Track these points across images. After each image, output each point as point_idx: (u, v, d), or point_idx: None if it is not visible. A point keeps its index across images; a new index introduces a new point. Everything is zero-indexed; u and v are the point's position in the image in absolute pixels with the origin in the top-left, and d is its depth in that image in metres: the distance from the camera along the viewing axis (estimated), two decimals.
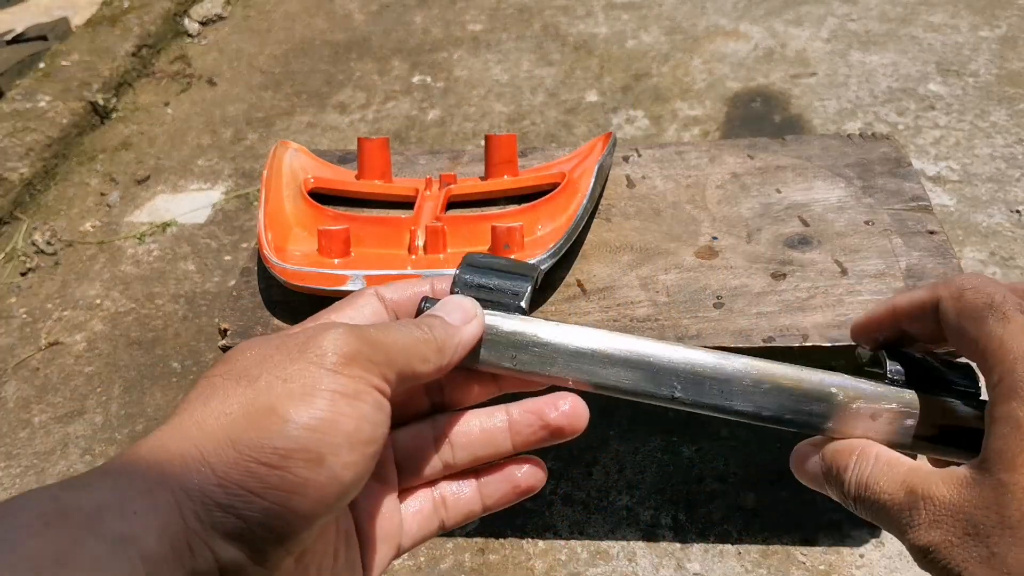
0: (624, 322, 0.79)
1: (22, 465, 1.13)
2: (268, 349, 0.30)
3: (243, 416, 0.27)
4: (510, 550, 0.95)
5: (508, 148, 0.95)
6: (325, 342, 0.29)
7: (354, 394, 0.29)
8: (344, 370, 0.29)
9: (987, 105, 1.60)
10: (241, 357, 0.30)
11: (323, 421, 0.28)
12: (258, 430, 0.27)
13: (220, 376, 0.29)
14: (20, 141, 1.69)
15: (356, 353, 0.29)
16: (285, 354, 0.29)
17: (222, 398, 0.28)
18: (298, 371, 0.28)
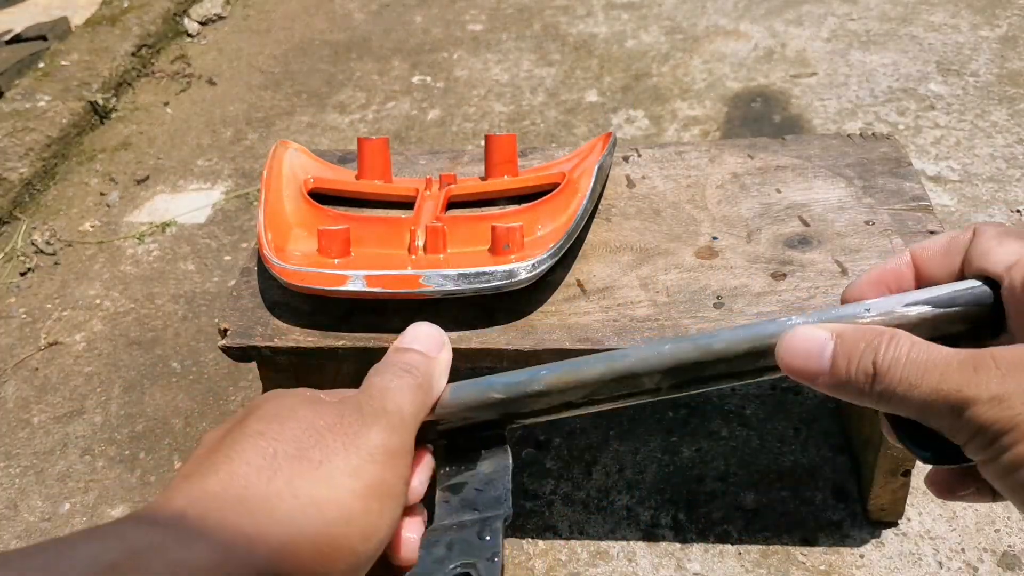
0: (624, 322, 0.79)
1: (22, 465, 1.13)
2: (322, 427, 0.31)
3: (310, 504, 0.29)
4: (510, 550, 0.94)
5: (508, 148, 0.95)
6: (374, 438, 0.31)
7: (396, 496, 0.31)
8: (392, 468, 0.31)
9: (987, 105, 1.60)
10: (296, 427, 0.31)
11: (372, 527, 0.30)
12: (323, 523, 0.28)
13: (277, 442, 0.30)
14: (20, 141, 1.69)
15: (398, 448, 0.32)
16: (340, 441, 0.31)
17: (287, 479, 0.29)
18: (358, 468, 0.30)
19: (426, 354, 0.36)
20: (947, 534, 0.91)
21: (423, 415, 0.35)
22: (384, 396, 0.33)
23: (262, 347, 0.81)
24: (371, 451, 0.31)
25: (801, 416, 1.05)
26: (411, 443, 0.33)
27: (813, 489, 0.97)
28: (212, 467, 0.29)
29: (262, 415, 0.31)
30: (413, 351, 0.36)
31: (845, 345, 0.30)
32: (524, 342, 0.78)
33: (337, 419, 0.31)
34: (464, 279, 0.77)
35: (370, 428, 0.31)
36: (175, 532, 0.27)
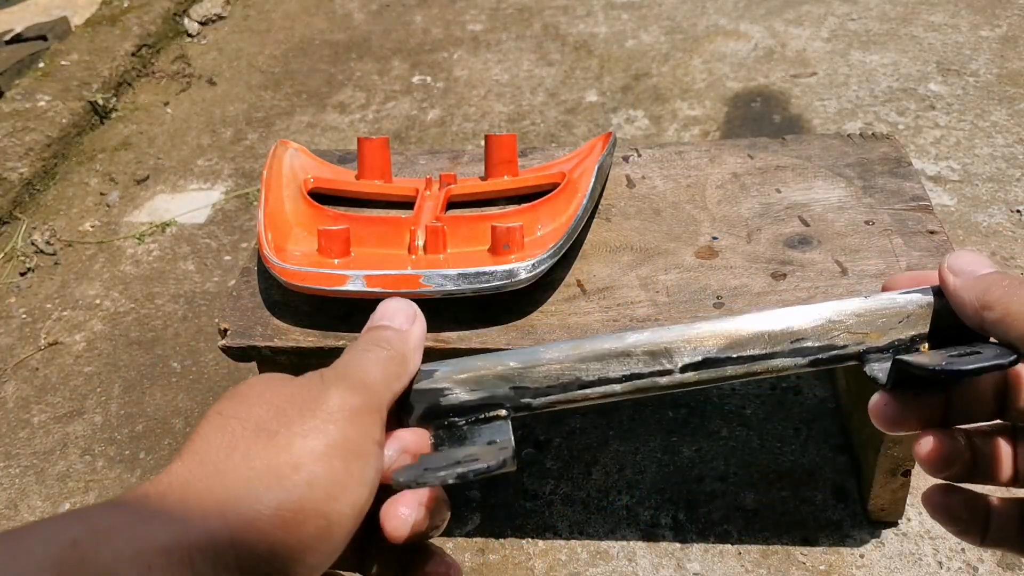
0: (624, 322, 0.79)
1: (22, 465, 1.13)
2: (281, 401, 0.31)
3: (266, 473, 0.28)
4: (510, 550, 0.94)
5: (508, 148, 0.95)
6: (334, 399, 0.30)
7: (364, 456, 0.30)
8: (356, 426, 0.30)
9: (987, 105, 1.60)
10: (257, 404, 0.31)
11: (339, 486, 0.29)
12: (281, 489, 0.28)
13: (236, 419, 0.30)
14: (19, 141, 1.69)
15: (362, 408, 0.31)
16: (298, 409, 0.30)
17: (244, 451, 0.29)
18: (316, 428, 0.29)
19: (398, 328, 0.36)
20: (947, 534, 0.91)
21: (397, 386, 0.34)
22: (348, 365, 0.33)
23: (262, 347, 0.81)
24: (329, 412, 0.30)
25: (801, 416, 1.05)
26: (379, 407, 0.32)
27: (813, 489, 0.97)
28: (178, 454, 0.30)
29: (227, 397, 0.31)
30: (384, 326, 0.37)
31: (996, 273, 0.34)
32: (524, 342, 0.78)
33: (297, 390, 0.31)
34: (464, 279, 0.77)
35: (328, 392, 0.31)
36: (137, 512, 0.27)
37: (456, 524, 0.97)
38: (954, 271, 0.35)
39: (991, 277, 0.34)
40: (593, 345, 0.36)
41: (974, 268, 0.35)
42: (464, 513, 0.99)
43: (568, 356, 0.36)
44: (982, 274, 0.34)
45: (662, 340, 0.36)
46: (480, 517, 0.98)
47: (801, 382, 1.09)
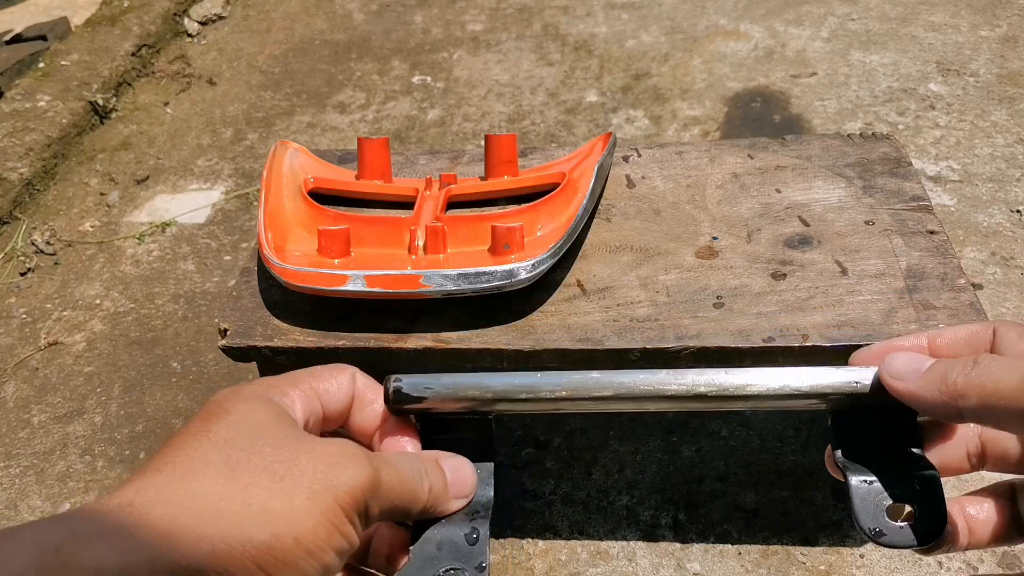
0: (624, 322, 0.79)
1: (22, 465, 1.13)
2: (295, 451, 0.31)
3: (263, 515, 0.29)
4: (510, 550, 0.94)
5: (508, 148, 0.95)
6: (348, 478, 0.31)
7: (346, 534, 0.32)
8: (350, 512, 0.31)
9: (987, 105, 1.60)
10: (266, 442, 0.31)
11: (318, 547, 0.30)
12: (273, 536, 0.29)
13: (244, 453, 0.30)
14: (19, 141, 1.69)
15: (363, 502, 0.32)
16: (312, 467, 0.31)
17: (244, 485, 0.30)
18: (319, 493, 0.30)
19: (448, 488, 0.37)
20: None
21: (395, 517, 0.35)
22: (388, 466, 0.33)
23: (262, 347, 0.81)
24: (337, 485, 0.31)
25: (801, 416, 1.05)
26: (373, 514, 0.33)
27: (813, 489, 0.97)
28: (170, 463, 0.30)
29: (230, 423, 0.32)
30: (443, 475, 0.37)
31: (942, 363, 0.33)
32: (524, 342, 0.78)
33: (316, 448, 0.32)
34: (464, 279, 0.77)
35: (351, 467, 0.32)
36: (122, 522, 0.27)
37: None
38: (897, 376, 0.34)
39: (939, 365, 0.33)
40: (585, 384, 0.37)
41: (916, 366, 0.34)
42: None
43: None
44: (928, 367, 0.33)
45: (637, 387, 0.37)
46: None
47: None
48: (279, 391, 0.34)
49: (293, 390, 0.35)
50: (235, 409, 0.32)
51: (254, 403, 0.33)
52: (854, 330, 0.75)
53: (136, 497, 0.28)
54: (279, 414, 0.33)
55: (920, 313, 0.75)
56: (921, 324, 0.74)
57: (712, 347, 0.75)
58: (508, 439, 1.06)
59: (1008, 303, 1.18)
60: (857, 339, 0.74)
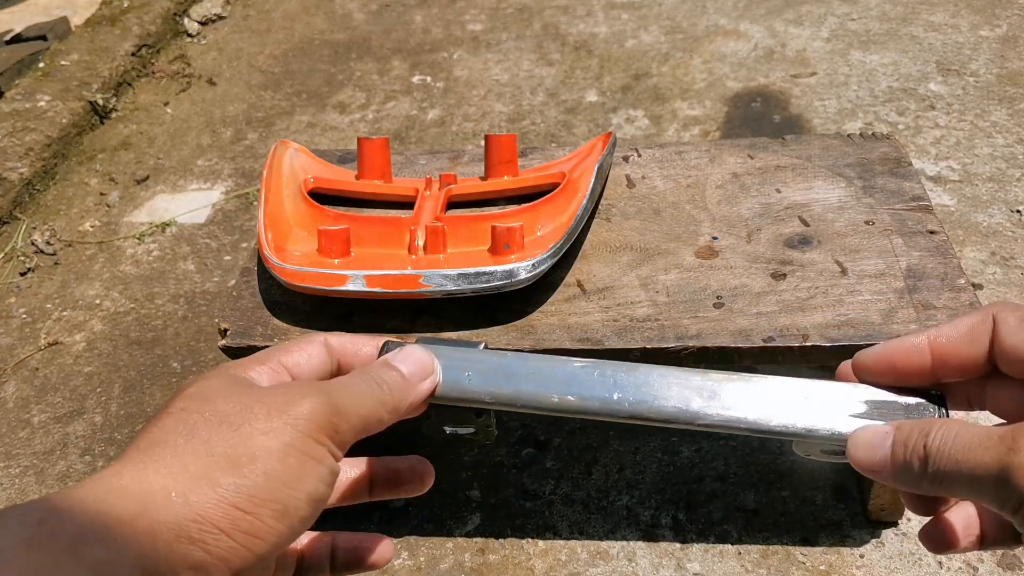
0: (624, 322, 0.79)
1: (22, 465, 1.13)
2: (248, 398, 0.32)
3: (226, 460, 0.30)
4: (510, 550, 0.94)
5: (508, 148, 0.95)
6: (303, 407, 0.32)
7: (319, 459, 0.32)
8: (315, 436, 0.32)
9: (987, 105, 1.60)
10: (219, 399, 0.32)
11: (293, 478, 0.31)
12: (239, 476, 0.30)
13: (199, 414, 0.31)
14: (20, 141, 1.69)
15: (327, 423, 0.32)
16: (266, 409, 0.32)
17: (205, 439, 0.30)
18: (278, 429, 0.31)
19: (407, 378, 0.36)
20: None
21: (372, 430, 0.34)
22: (339, 390, 0.34)
23: (262, 347, 0.81)
24: (295, 418, 0.31)
25: None
26: (346, 435, 0.33)
27: (813, 489, 0.97)
28: (135, 446, 0.31)
29: (186, 395, 0.33)
30: (397, 370, 0.36)
31: (902, 434, 0.33)
32: (524, 342, 0.78)
33: (267, 393, 0.33)
34: (464, 279, 0.77)
35: (303, 401, 0.32)
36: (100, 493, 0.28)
37: (456, 524, 0.98)
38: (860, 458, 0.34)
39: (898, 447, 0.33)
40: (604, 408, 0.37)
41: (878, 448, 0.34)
42: (464, 513, 0.99)
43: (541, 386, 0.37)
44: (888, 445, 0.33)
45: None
46: (480, 517, 0.98)
47: None
48: (243, 368, 0.35)
49: (260, 366, 0.36)
50: (191, 386, 0.33)
51: (212, 378, 0.34)
52: (854, 330, 0.75)
53: (105, 475, 0.29)
54: (235, 380, 0.34)
55: (920, 313, 0.75)
56: (921, 324, 0.74)
57: (712, 347, 0.75)
58: (508, 439, 1.06)
59: None
60: (857, 339, 0.73)
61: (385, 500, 0.38)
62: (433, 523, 0.98)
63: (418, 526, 0.97)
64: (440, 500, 1.00)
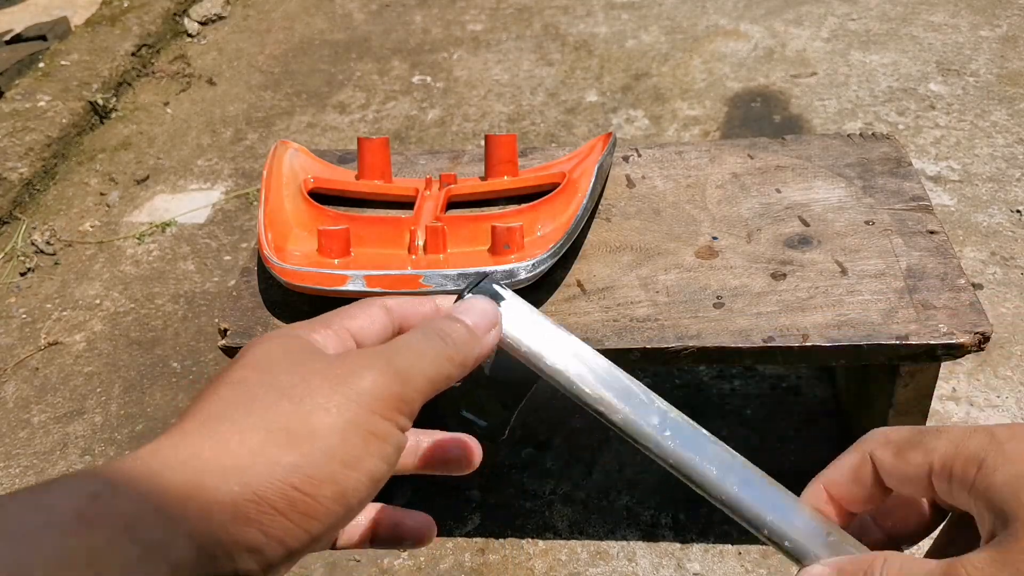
0: (624, 322, 0.79)
1: (22, 465, 1.13)
2: (309, 370, 0.31)
3: (286, 437, 0.28)
4: (510, 550, 0.94)
5: (508, 148, 0.95)
6: (366, 380, 0.30)
7: (384, 436, 0.30)
8: (380, 411, 0.30)
9: (987, 105, 1.60)
10: (279, 367, 0.31)
11: (354, 458, 0.29)
12: (299, 455, 0.28)
13: (259, 385, 0.30)
14: (20, 141, 1.69)
15: (392, 395, 0.31)
16: (328, 383, 0.30)
17: (263, 413, 0.29)
18: (340, 405, 0.30)
19: (472, 329, 0.35)
20: None
21: (441, 387, 0.33)
22: (400, 352, 0.32)
23: None
24: (359, 393, 0.30)
25: (801, 416, 1.05)
26: (412, 403, 0.32)
27: None
28: (191, 415, 0.30)
29: (246, 363, 0.31)
30: (461, 322, 0.35)
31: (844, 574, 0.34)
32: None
33: (329, 365, 0.31)
34: (464, 279, 0.77)
35: (364, 371, 0.31)
36: (154, 467, 0.28)
37: (456, 524, 0.97)
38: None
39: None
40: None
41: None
42: (464, 513, 0.99)
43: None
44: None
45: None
46: (480, 517, 0.98)
47: (801, 382, 1.09)
48: (308, 330, 0.34)
49: (325, 329, 0.35)
50: (251, 351, 0.32)
51: (274, 341, 0.32)
52: (854, 330, 0.75)
53: (161, 446, 0.28)
54: (296, 346, 0.32)
55: (920, 313, 0.75)
56: (921, 324, 0.74)
57: (712, 347, 0.75)
58: (508, 439, 1.06)
59: (1008, 303, 1.18)
60: (857, 339, 0.74)
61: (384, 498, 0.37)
62: None
63: None
64: (440, 500, 1.00)
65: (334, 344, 0.34)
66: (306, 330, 0.34)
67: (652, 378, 1.12)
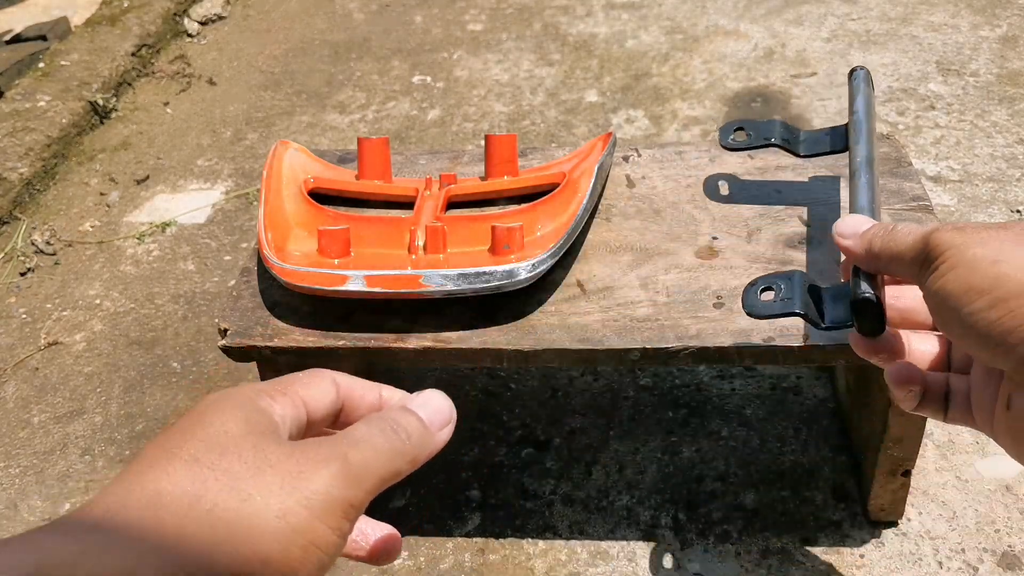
0: (624, 322, 0.79)
1: (22, 465, 1.13)
2: (264, 460, 0.30)
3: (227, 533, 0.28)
4: (510, 550, 0.95)
5: (508, 148, 0.95)
6: (318, 482, 0.30)
7: (325, 547, 0.30)
8: (327, 521, 0.30)
9: (987, 105, 1.60)
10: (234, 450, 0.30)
11: (291, 569, 0.29)
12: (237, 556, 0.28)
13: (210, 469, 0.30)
14: (19, 141, 1.69)
15: (342, 500, 0.31)
16: (280, 479, 0.30)
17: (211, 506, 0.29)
18: (288, 510, 0.29)
19: (428, 426, 0.35)
20: (947, 534, 0.91)
21: (389, 485, 0.33)
22: (358, 446, 0.32)
23: (262, 347, 0.81)
24: (308, 496, 0.30)
25: (801, 416, 1.05)
26: (362, 504, 0.32)
27: (813, 489, 0.97)
28: (139, 481, 0.29)
29: (204, 436, 0.31)
30: (416, 416, 0.35)
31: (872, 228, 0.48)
32: (524, 342, 0.78)
33: (286, 456, 0.31)
34: (464, 279, 0.77)
35: (317, 471, 0.30)
36: (87, 542, 0.27)
37: (456, 524, 0.98)
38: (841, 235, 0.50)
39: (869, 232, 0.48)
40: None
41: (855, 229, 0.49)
42: (464, 513, 0.99)
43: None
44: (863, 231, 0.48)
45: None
46: (480, 517, 0.98)
47: (801, 382, 1.09)
48: (267, 396, 0.34)
49: (283, 398, 0.34)
50: (210, 422, 0.31)
51: (232, 412, 0.32)
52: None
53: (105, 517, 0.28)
54: (255, 422, 0.32)
55: None
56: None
57: (712, 347, 0.76)
58: (508, 439, 1.06)
59: None
60: None
61: (384, 499, 0.37)
62: (433, 523, 0.98)
63: (418, 526, 0.97)
64: (440, 500, 1.00)
65: (292, 415, 0.34)
66: (267, 399, 0.33)
67: (652, 378, 1.12)
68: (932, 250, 0.40)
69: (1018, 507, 0.93)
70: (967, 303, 0.37)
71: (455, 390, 1.13)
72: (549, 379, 1.14)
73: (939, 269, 0.40)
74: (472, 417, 1.10)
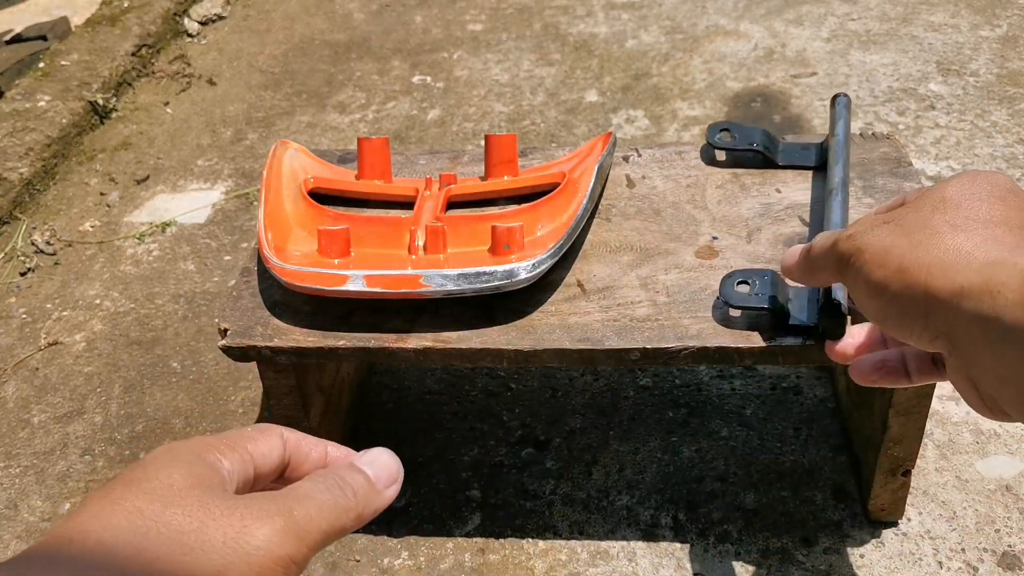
0: (624, 322, 0.79)
1: (22, 465, 1.13)
2: (208, 514, 0.30)
3: None
4: (510, 550, 0.95)
5: (508, 148, 0.95)
6: (259, 537, 0.30)
7: None
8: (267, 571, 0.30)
9: (988, 105, 1.60)
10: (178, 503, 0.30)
11: None
12: None
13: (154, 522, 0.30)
14: (19, 141, 1.69)
15: (284, 559, 0.31)
16: (222, 534, 0.30)
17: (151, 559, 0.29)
18: (229, 565, 0.29)
19: (374, 483, 0.35)
20: (947, 534, 0.91)
21: (333, 540, 0.33)
22: (302, 502, 0.32)
23: (262, 347, 0.81)
24: (250, 552, 0.30)
25: (801, 416, 1.05)
26: (305, 560, 0.32)
27: (813, 489, 0.97)
28: (81, 530, 0.29)
29: (148, 490, 0.31)
30: (363, 474, 0.35)
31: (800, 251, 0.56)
32: (524, 342, 0.78)
33: (230, 511, 0.31)
34: (464, 279, 0.77)
35: (260, 527, 0.30)
36: None
37: (456, 524, 0.98)
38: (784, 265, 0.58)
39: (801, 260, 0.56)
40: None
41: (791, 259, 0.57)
42: (464, 513, 0.99)
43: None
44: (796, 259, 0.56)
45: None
46: (480, 517, 0.98)
47: (801, 382, 1.09)
48: (216, 451, 0.34)
49: (232, 453, 0.34)
50: (155, 474, 0.31)
51: (179, 464, 0.32)
52: None
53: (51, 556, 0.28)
54: (201, 475, 0.32)
55: None
56: None
57: (712, 347, 0.76)
58: (508, 439, 1.06)
59: None
60: None
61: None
62: (433, 523, 0.98)
63: (418, 526, 0.97)
64: (440, 500, 1.00)
65: (239, 470, 0.34)
66: (215, 453, 0.33)
67: (652, 378, 1.12)
68: (840, 261, 0.47)
69: (1018, 507, 0.93)
70: (872, 302, 0.44)
71: (455, 390, 1.13)
72: (549, 379, 1.14)
73: (847, 276, 0.47)
74: (472, 417, 1.10)
